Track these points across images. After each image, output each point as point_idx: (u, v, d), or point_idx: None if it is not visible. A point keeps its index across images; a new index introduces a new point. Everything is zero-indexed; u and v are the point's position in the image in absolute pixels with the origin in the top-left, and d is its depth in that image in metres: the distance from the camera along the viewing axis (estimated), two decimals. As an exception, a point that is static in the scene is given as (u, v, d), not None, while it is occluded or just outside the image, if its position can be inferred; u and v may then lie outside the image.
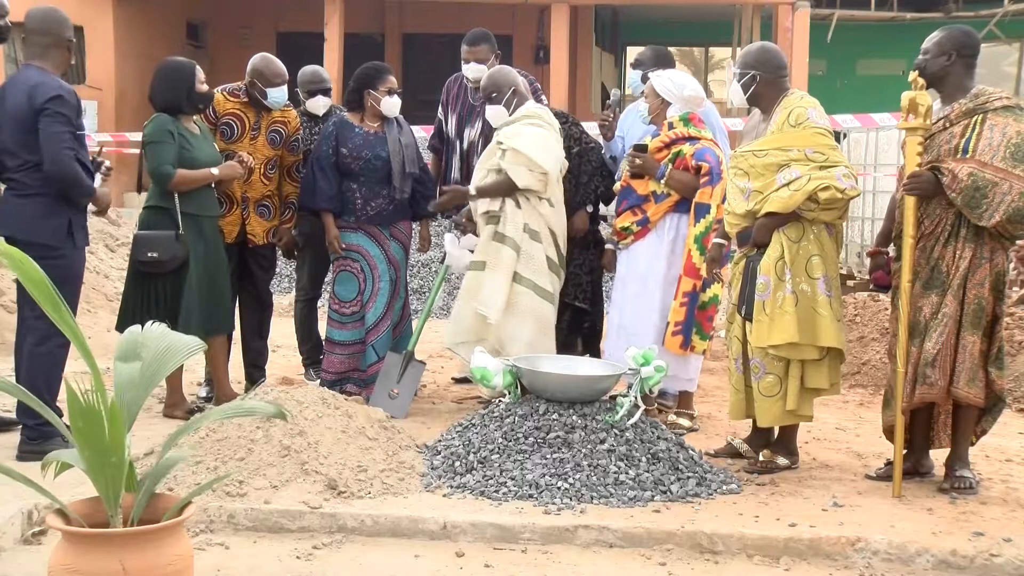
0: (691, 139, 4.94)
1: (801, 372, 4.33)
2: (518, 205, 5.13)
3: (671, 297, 4.99)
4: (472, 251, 5.41)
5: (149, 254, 4.89)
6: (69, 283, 4.39)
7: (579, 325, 5.59)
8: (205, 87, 5.14)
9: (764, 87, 4.42)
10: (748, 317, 4.35)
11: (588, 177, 5.50)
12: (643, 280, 5.04)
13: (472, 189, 5.21)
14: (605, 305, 5.86)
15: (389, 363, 5.37)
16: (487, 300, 5.06)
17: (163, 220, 4.96)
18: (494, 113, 5.28)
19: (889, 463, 4.37)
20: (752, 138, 4.51)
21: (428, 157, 6.18)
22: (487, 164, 5.25)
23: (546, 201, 5.17)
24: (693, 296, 4.91)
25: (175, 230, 4.92)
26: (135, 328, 3.04)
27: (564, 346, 5.46)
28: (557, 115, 5.51)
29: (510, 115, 5.24)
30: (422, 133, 7.77)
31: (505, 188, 5.12)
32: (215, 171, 5.04)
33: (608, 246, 5.33)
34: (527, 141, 5.09)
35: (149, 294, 4.94)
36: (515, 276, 5.09)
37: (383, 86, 5.41)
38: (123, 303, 5.03)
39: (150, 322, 3.09)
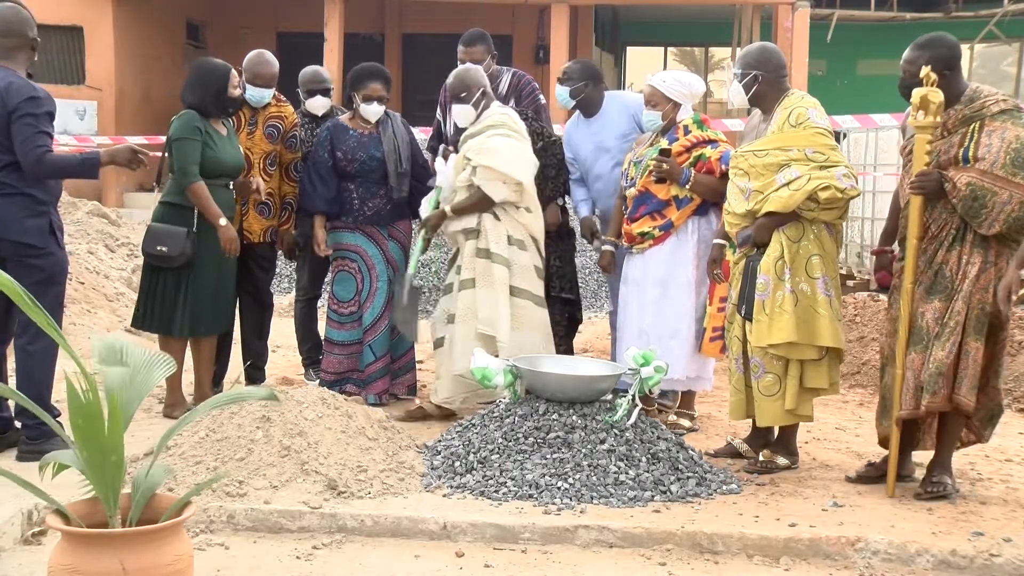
0: (711, 142, 4.91)
1: (800, 372, 4.33)
2: (497, 218, 5.04)
3: (698, 300, 4.95)
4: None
5: (158, 247, 4.95)
6: (58, 281, 4.41)
7: (565, 316, 5.59)
8: (237, 91, 5.18)
9: (766, 87, 4.42)
10: (748, 317, 4.35)
11: (555, 171, 5.49)
12: (664, 284, 4.96)
13: (448, 210, 5.08)
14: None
15: (397, 294, 5.39)
16: (491, 319, 4.96)
17: (179, 216, 5.00)
18: (461, 112, 5.17)
19: (870, 464, 4.38)
20: (752, 138, 4.51)
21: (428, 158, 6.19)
22: (457, 179, 5.13)
23: (524, 209, 5.09)
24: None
25: (188, 227, 4.96)
26: (107, 337, 3.05)
27: (564, 339, 5.54)
28: (519, 112, 5.53)
29: (477, 115, 5.15)
30: (422, 135, 7.77)
31: (482, 204, 5.02)
32: (223, 222, 5.00)
33: (607, 248, 5.27)
34: (496, 156, 4.98)
35: (156, 288, 5.02)
36: (513, 290, 5.00)
37: (362, 91, 5.42)
38: (139, 299, 5.15)
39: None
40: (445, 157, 5.40)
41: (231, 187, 5.18)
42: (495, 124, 5.10)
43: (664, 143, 4.93)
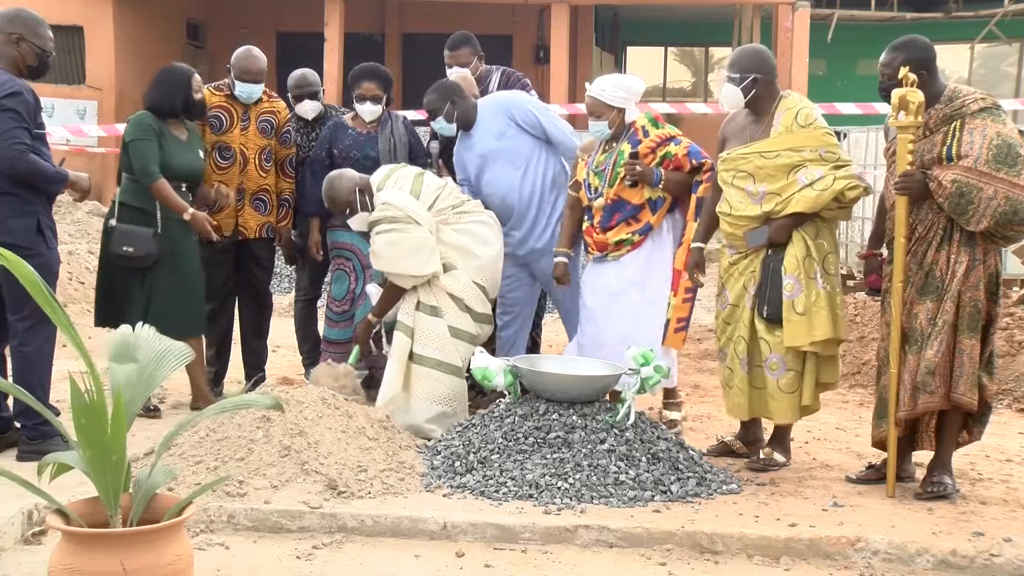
0: (671, 139, 4.85)
1: (816, 367, 4.36)
2: (414, 288, 4.95)
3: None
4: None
5: (124, 248, 4.92)
6: (46, 283, 4.36)
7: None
8: (199, 95, 5.15)
9: (763, 89, 4.42)
10: (773, 318, 4.33)
11: None
12: (643, 287, 4.91)
13: (371, 317, 5.07)
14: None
15: None
16: (382, 387, 4.92)
17: (140, 218, 4.98)
18: (357, 222, 5.05)
19: (870, 466, 4.39)
20: (742, 140, 4.47)
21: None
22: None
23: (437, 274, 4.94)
24: (695, 292, 4.87)
25: (153, 228, 4.95)
26: (126, 328, 3.04)
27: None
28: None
29: (370, 212, 4.98)
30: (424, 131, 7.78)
31: (398, 293, 4.95)
32: (189, 213, 5.00)
33: (560, 259, 5.09)
34: (380, 260, 4.90)
35: (122, 288, 4.99)
36: (414, 357, 4.87)
37: (356, 91, 5.48)
38: (97, 296, 5.11)
39: (140, 324, 3.08)
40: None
41: (184, 189, 5.11)
42: (374, 221, 4.92)
43: (627, 147, 4.83)
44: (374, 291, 5.16)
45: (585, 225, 5.03)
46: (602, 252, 4.96)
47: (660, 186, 4.82)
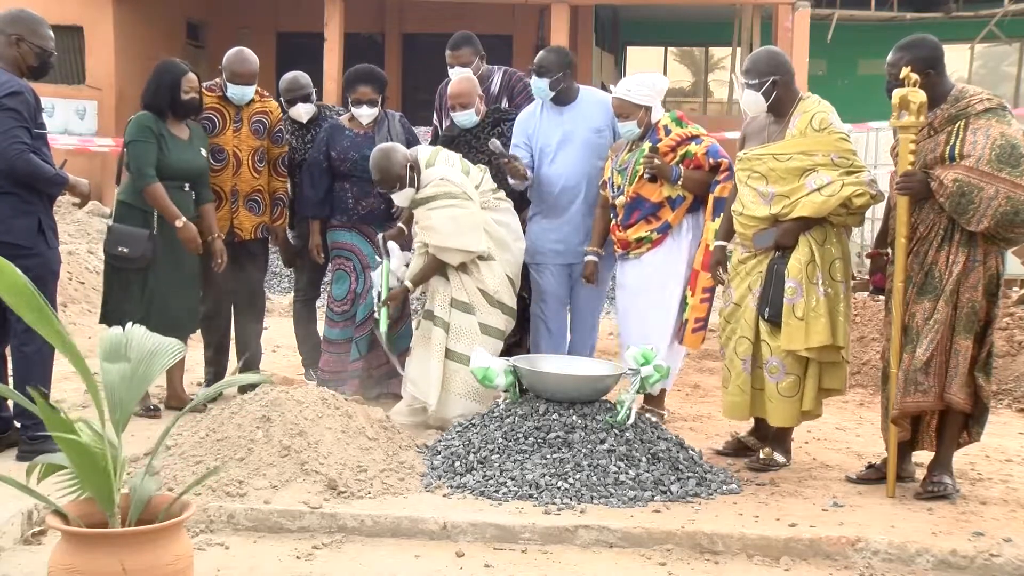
0: (693, 138, 4.90)
1: (819, 373, 4.35)
2: (447, 278, 5.01)
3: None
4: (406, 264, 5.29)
5: (119, 248, 4.95)
6: (45, 282, 4.35)
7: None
8: (191, 95, 5.11)
9: (783, 91, 4.41)
10: (774, 320, 4.33)
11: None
12: (662, 286, 4.94)
13: (408, 284, 5.11)
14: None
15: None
16: (422, 384, 4.98)
17: (138, 217, 4.99)
18: (401, 198, 5.09)
19: (870, 466, 4.39)
20: (760, 140, 4.47)
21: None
22: (417, 239, 5.16)
23: (477, 261, 5.01)
24: (712, 291, 4.89)
25: (149, 229, 4.96)
26: (116, 329, 3.03)
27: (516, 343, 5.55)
28: (498, 111, 5.56)
29: (416, 190, 5.02)
30: (424, 137, 7.79)
31: (439, 267, 5.01)
32: (180, 222, 4.98)
33: (590, 258, 5.16)
34: (436, 234, 4.94)
35: (122, 287, 5.01)
36: (449, 353, 4.96)
37: (352, 95, 5.49)
38: (104, 295, 5.13)
39: (130, 323, 3.07)
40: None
41: (187, 189, 5.11)
42: (430, 197, 4.97)
43: (647, 145, 4.89)
44: (377, 277, 5.21)
45: (611, 223, 5.09)
46: (625, 250, 5.03)
47: (679, 183, 4.86)
